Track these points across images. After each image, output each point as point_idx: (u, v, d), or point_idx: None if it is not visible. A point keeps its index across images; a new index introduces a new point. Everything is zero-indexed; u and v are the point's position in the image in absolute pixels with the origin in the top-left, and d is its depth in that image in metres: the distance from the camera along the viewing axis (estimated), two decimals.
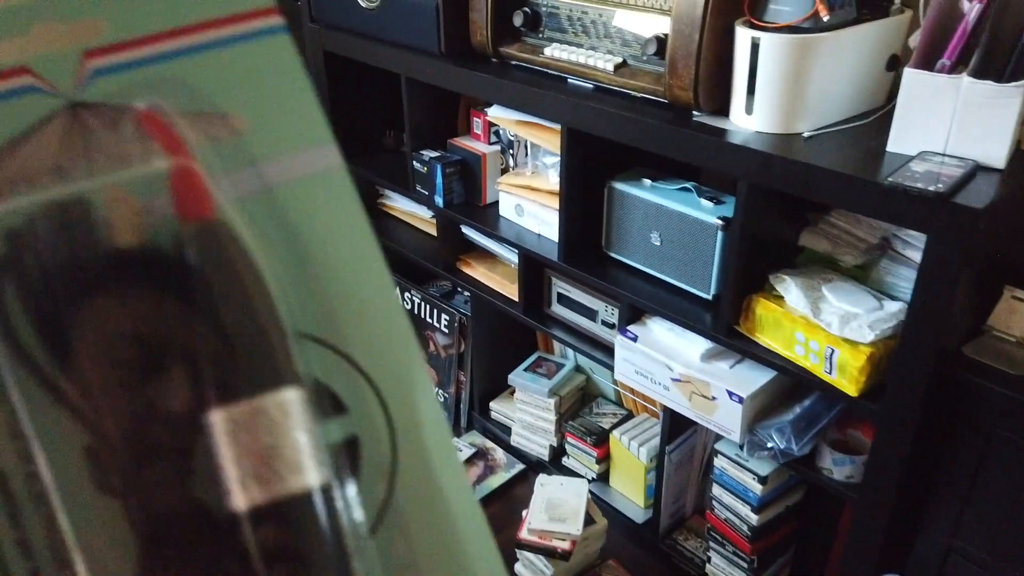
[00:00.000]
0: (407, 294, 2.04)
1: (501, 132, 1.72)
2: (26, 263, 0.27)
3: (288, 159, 0.33)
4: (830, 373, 1.15)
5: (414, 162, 1.79)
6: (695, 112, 1.25)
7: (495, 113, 1.58)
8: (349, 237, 0.32)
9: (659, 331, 1.41)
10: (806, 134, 1.16)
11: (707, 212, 1.30)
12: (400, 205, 2.07)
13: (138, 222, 0.28)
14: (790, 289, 1.20)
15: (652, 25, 1.27)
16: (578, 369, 1.83)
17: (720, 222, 1.28)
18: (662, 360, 1.35)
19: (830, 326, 1.13)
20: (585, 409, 1.77)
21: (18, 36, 0.29)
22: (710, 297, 1.35)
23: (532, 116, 1.46)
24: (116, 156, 0.29)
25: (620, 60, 1.33)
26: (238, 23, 0.32)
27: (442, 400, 2.03)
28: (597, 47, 1.37)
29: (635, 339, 1.40)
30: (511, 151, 1.71)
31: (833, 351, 1.13)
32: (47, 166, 0.28)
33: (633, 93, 1.33)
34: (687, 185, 1.38)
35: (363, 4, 1.72)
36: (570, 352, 1.86)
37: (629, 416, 1.73)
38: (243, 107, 0.32)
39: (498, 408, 1.92)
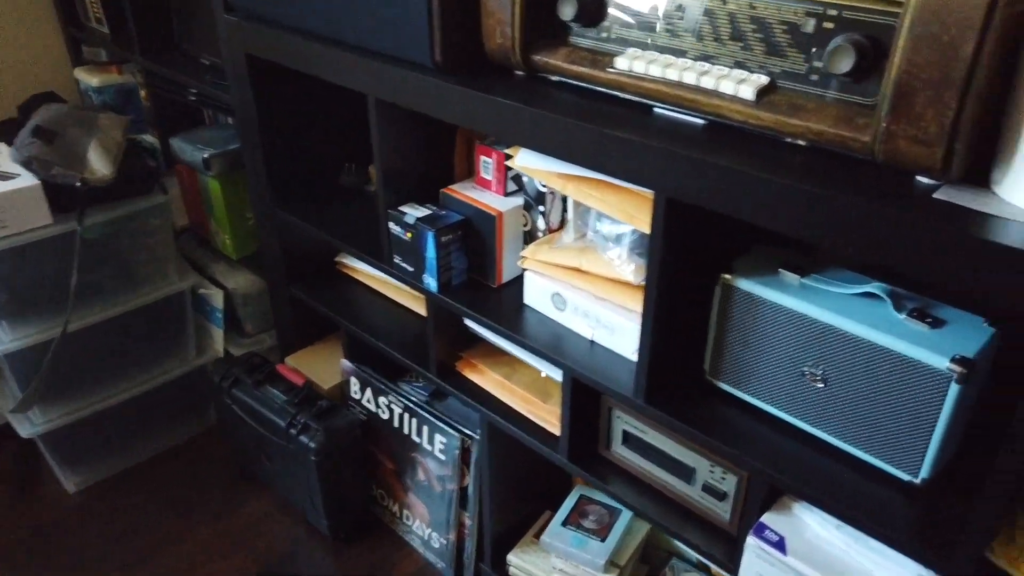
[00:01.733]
0: (383, 399, 1.44)
1: (525, 179, 1.14)
2: None
3: None
4: None
5: (391, 224, 1.19)
6: (922, 179, 0.69)
7: (524, 162, 0.99)
8: None
9: (820, 531, 0.86)
10: None
11: (928, 347, 0.75)
12: (365, 267, 1.48)
13: None
14: None
15: (832, 22, 0.70)
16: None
17: (958, 368, 0.73)
18: None
19: None
20: None
21: None
22: (918, 482, 0.80)
23: (593, 171, 0.88)
24: None
25: (766, 81, 0.76)
26: None
27: (437, 547, 1.45)
28: (715, 57, 0.80)
29: (783, 548, 0.84)
30: (540, 207, 1.13)
31: None
32: None
33: (793, 140, 0.77)
34: (874, 289, 0.82)
35: None
36: None
37: None
38: None
39: (519, 562, 1.35)
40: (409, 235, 1.17)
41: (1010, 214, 0.63)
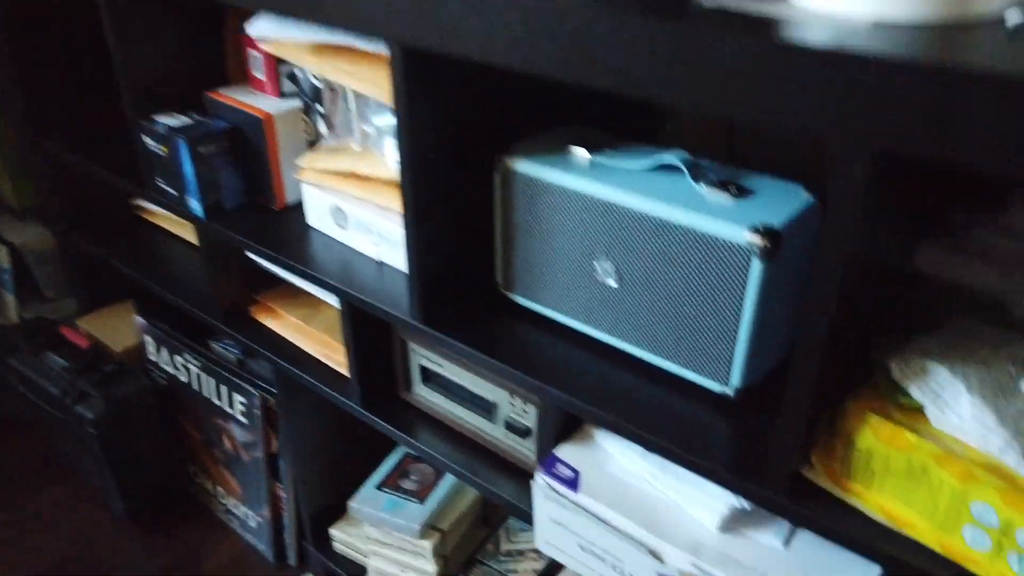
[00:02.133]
0: (178, 357, 1.23)
1: (300, 75, 0.94)
2: None
3: None
4: None
5: (144, 137, 0.98)
6: None
7: (261, 31, 0.80)
8: None
9: (624, 461, 0.70)
10: (1012, 20, 0.46)
11: (725, 218, 0.59)
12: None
13: None
14: (951, 393, 0.52)
15: None
16: None
17: (759, 240, 0.57)
18: (639, 539, 0.64)
19: None
20: (488, 545, 1.05)
21: None
22: (731, 393, 0.64)
23: (322, 27, 0.69)
24: None
25: None
26: None
27: (254, 526, 1.26)
28: None
29: (574, 485, 0.68)
30: (319, 107, 0.94)
31: None
32: None
33: None
34: (671, 159, 0.66)
35: None
36: None
37: None
38: None
39: (344, 536, 1.17)
40: (164, 149, 0.96)
41: (798, 9, 0.48)
